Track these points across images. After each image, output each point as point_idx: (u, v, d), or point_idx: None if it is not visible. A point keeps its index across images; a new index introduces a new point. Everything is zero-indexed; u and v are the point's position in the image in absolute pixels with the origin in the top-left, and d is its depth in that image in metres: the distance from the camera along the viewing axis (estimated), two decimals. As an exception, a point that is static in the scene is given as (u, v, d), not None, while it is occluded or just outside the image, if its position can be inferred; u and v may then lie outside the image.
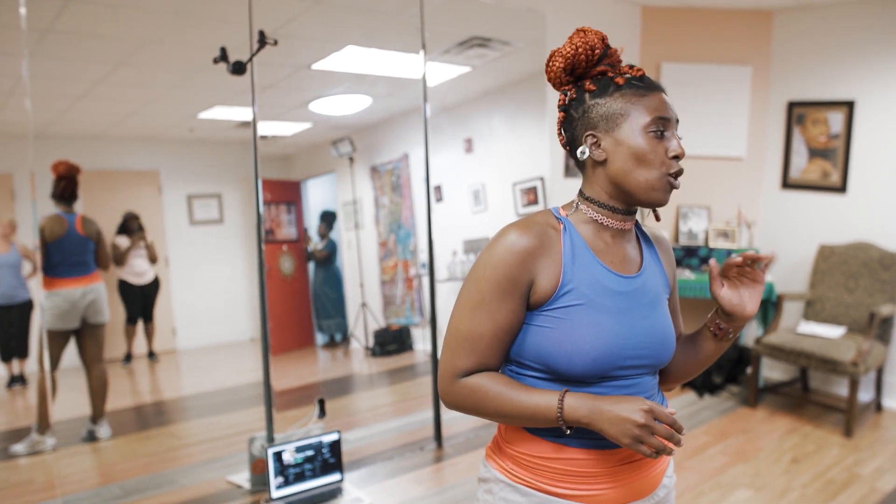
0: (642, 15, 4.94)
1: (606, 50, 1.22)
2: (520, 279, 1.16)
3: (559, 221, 1.22)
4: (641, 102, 1.17)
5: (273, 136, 7.39)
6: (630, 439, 1.07)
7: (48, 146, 6.13)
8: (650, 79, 1.21)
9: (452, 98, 6.10)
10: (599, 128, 1.19)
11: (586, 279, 1.18)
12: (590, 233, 1.23)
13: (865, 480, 3.40)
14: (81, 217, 4.22)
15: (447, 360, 1.21)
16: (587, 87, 1.21)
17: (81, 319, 4.15)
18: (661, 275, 1.32)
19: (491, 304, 1.16)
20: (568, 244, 1.19)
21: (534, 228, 1.18)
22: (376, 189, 7.44)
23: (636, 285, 1.23)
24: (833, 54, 4.65)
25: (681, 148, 1.17)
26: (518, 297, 1.17)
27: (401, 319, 7.24)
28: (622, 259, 1.24)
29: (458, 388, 1.20)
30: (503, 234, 1.18)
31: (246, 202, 8.23)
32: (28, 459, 3.92)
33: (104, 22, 3.77)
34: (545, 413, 1.13)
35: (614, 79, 1.20)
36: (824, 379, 4.83)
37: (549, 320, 1.17)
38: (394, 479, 3.45)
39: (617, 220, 1.23)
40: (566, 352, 1.15)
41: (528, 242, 1.16)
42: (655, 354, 1.23)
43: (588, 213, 1.23)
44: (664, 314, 1.28)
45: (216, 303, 7.79)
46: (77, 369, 4.34)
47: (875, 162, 4.52)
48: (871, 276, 4.37)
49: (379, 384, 5.99)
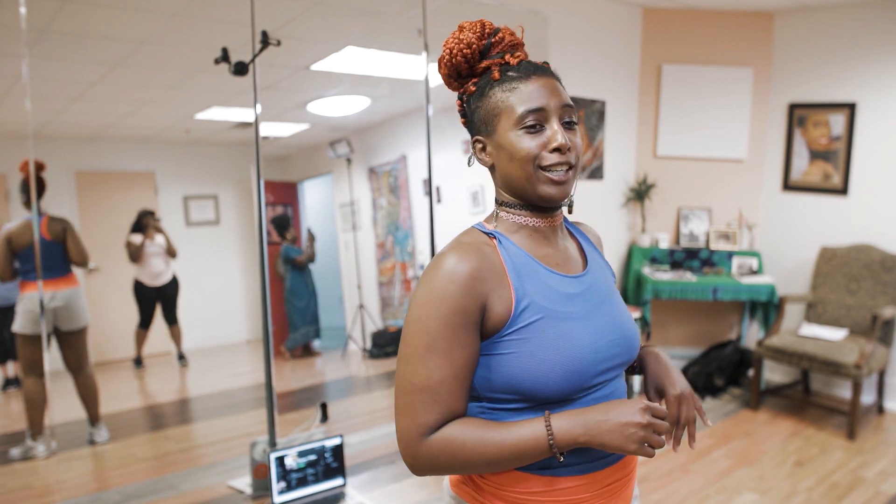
0: (643, 16, 4.93)
1: (490, 41, 1.15)
2: (469, 308, 1.03)
3: (490, 236, 1.13)
4: (513, 96, 1.09)
5: (270, 137, 7.36)
6: (636, 444, 1.00)
7: (43, 147, 6.08)
8: (530, 64, 1.13)
9: (451, 99, 6.07)
10: (482, 132, 1.14)
11: (539, 290, 1.08)
12: (523, 239, 1.14)
13: (870, 483, 3.39)
14: (47, 219, 4.07)
15: (407, 421, 1.06)
16: (468, 90, 1.16)
17: (52, 325, 4.02)
18: (606, 268, 1.25)
19: (442, 344, 1.03)
20: (508, 258, 1.09)
21: (469, 250, 1.06)
22: (374, 190, 7.42)
23: (588, 283, 1.15)
24: (834, 56, 4.64)
25: (562, 139, 1.07)
26: (471, 327, 1.04)
27: (399, 321, 7.21)
28: (565, 259, 1.16)
29: (427, 449, 1.05)
30: (437, 265, 1.06)
31: (242, 203, 8.19)
32: (26, 464, 3.88)
33: (101, 22, 3.74)
34: (535, 445, 1.02)
35: (491, 73, 1.13)
36: (826, 381, 4.82)
37: (511, 345, 1.05)
38: (397, 484, 3.41)
39: (542, 218, 1.15)
40: (539, 373, 1.04)
41: (469, 266, 1.04)
42: (627, 350, 1.15)
43: (511, 218, 1.15)
44: (622, 306, 1.20)
45: (213, 305, 7.75)
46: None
47: (876, 164, 4.51)
48: (873, 279, 4.37)
49: (378, 386, 5.95)
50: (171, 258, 6.72)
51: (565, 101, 1.10)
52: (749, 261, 4.83)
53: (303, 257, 7.17)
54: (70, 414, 4.57)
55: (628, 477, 1.18)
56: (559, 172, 1.09)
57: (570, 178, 1.10)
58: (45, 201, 4.17)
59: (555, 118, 1.09)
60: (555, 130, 1.08)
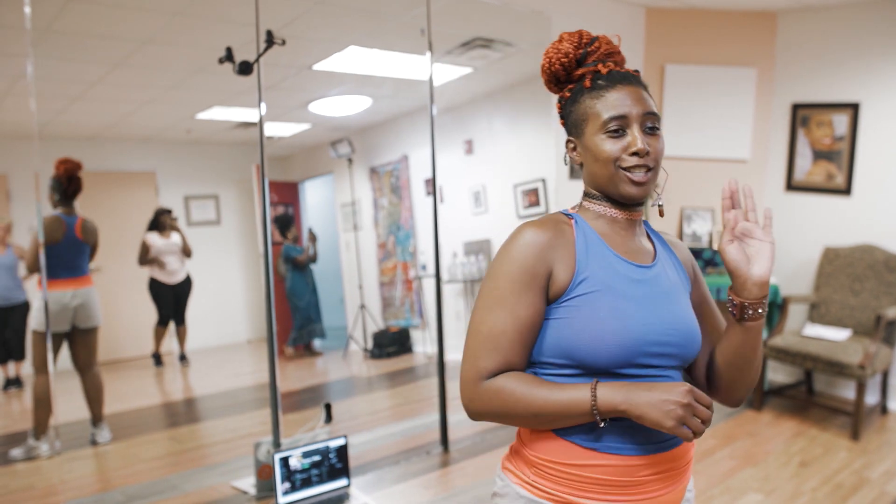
0: (646, 16, 4.93)
1: (586, 50, 1.24)
2: (537, 271, 1.15)
3: (570, 218, 1.24)
4: (600, 103, 1.19)
5: (272, 137, 7.35)
6: (674, 421, 1.03)
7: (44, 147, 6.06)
8: (618, 73, 1.21)
9: (453, 99, 6.07)
10: (573, 133, 1.25)
11: (602, 267, 1.17)
12: (601, 226, 1.24)
13: (875, 484, 3.39)
14: (82, 221, 4.12)
15: (469, 364, 1.17)
16: (564, 95, 1.27)
17: (71, 323, 4.07)
18: (678, 269, 1.30)
19: (510, 299, 1.14)
20: (581, 236, 1.20)
21: (547, 224, 1.19)
22: (375, 190, 7.41)
23: (652, 274, 1.22)
24: (838, 56, 4.64)
25: (640, 144, 1.16)
26: (537, 289, 1.15)
27: (400, 321, 7.20)
28: (636, 250, 1.24)
29: (483, 392, 1.15)
30: (518, 231, 1.18)
31: (243, 203, 8.17)
32: (29, 464, 3.87)
33: (104, 22, 3.73)
34: (578, 406, 1.09)
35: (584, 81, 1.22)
36: (829, 382, 4.82)
37: (567, 311, 1.15)
38: (401, 485, 3.41)
39: (623, 211, 1.24)
40: (588, 339, 1.12)
41: (544, 235, 1.17)
42: (681, 344, 1.19)
43: (593, 208, 1.25)
44: (686, 306, 1.25)
45: (213, 305, 7.74)
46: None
47: (880, 164, 4.51)
48: (877, 279, 4.37)
49: (380, 387, 5.94)
50: (186, 257, 6.73)
51: (647, 109, 1.18)
52: (752, 261, 4.82)
53: (303, 257, 7.15)
54: (72, 414, 4.56)
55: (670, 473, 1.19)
56: (639, 174, 1.18)
57: (649, 179, 1.19)
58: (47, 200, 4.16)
59: (636, 124, 1.17)
60: (635, 136, 1.17)
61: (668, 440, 1.17)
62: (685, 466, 1.22)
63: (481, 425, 4.20)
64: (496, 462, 3.62)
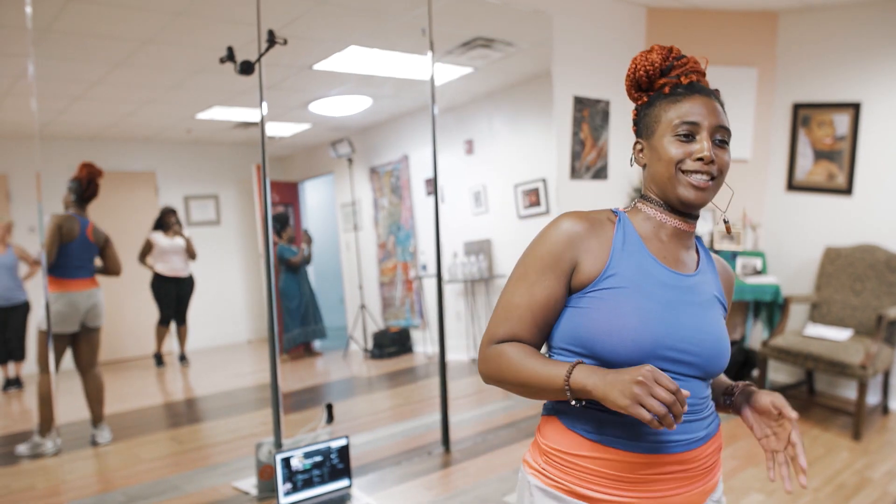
0: (647, 16, 4.92)
1: (672, 63, 1.27)
2: (563, 257, 1.19)
3: (615, 214, 1.27)
4: (674, 108, 1.21)
5: (272, 137, 7.34)
6: (629, 399, 1.01)
7: (45, 147, 6.05)
8: (697, 84, 1.25)
9: (454, 99, 6.06)
10: (643, 135, 1.28)
11: (633, 266, 1.19)
12: (647, 229, 1.26)
13: (877, 484, 3.39)
14: (93, 224, 4.24)
15: (488, 328, 1.25)
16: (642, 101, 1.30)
17: (81, 323, 4.09)
18: (716, 287, 1.31)
19: (531, 277, 1.20)
20: (620, 233, 1.23)
21: (588, 216, 1.23)
22: (375, 190, 7.40)
23: (688, 284, 1.23)
24: (839, 56, 4.64)
25: (707, 151, 1.18)
26: (559, 274, 1.19)
27: (400, 321, 7.19)
28: (676, 259, 1.26)
29: (488, 354, 1.23)
30: (558, 218, 1.23)
31: (243, 203, 8.16)
32: (29, 465, 3.86)
33: (104, 22, 3.72)
34: (555, 381, 1.12)
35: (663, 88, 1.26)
36: (830, 382, 4.82)
37: (591, 301, 1.18)
38: (403, 485, 3.40)
39: (676, 219, 1.25)
40: (605, 331, 1.14)
41: (579, 226, 1.20)
42: (704, 355, 1.19)
43: (645, 210, 1.27)
44: (717, 319, 1.26)
45: (214, 305, 7.72)
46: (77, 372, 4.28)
47: (881, 164, 4.51)
48: (878, 279, 4.36)
49: (380, 387, 5.94)
50: (190, 259, 6.75)
51: (721, 123, 1.21)
52: (753, 261, 4.83)
53: (297, 258, 7.12)
54: (73, 415, 4.55)
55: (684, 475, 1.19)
56: (700, 178, 1.20)
57: (709, 186, 1.20)
58: (48, 202, 4.17)
59: (706, 133, 1.20)
60: (703, 144, 1.19)
61: (677, 442, 1.17)
62: (702, 471, 1.22)
63: (483, 426, 4.20)
64: (498, 462, 3.63)
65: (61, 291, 4.01)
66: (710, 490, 1.25)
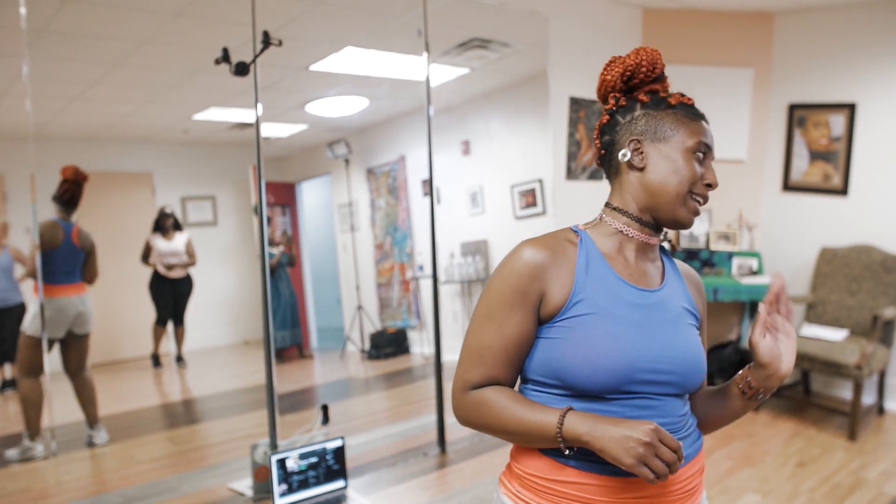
0: (643, 17, 4.93)
1: (663, 73, 1.26)
2: (528, 290, 1.14)
3: (576, 234, 1.22)
4: (689, 126, 1.19)
5: (269, 138, 7.34)
6: (633, 459, 1.00)
7: (42, 148, 6.05)
8: (698, 109, 1.25)
9: (450, 100, 6.07)
10: (646, 135, 1.20)
11: (600, 289, 1.16)
12: (611, 245, 1.22)
13: (872, 484, 3.39)
14: (78, 228, 4.15)
15: (459, 373, 1.20)
16: (640, 98, 1.24)
17: (68, 330, 4.06)
18: (686, 301, 1.26)
19: (498, 316, 1.15)
20: (583, 255, 1.18)
21: (548, 242, 1.18)
22: (372, 191, 7.40)
23: (656, 299, 1.20)
24: (834, 57, 4.65)
25: (715, 179, 1.19)
26: (527, 308, 1.15)
27: (397, 322, 7.19)
28: (642, 274, 1.22)
29: (466, 402, 1.19)
30: (517, 248, 1.18)
31: (240, 204, 8.16)
32: (25, 466, 3.85)
33: (101, 22, 3.72)
34: (546, 430, 1.09)
35: (667, 98, 1.23)
36: (826, 382, 4.83)
37: (560, 331, 1.14)
38: (398, 486, 3.40)
39: (644, 233, 1.22)
40: (578, 362, 1.11)
41: (541, 255, 1.15)
42: (679, 372, 1.16)
43: (613, 223, 1.23)
44: (689, 332, 1.22)
45: (210, 306, 7.72)
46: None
47: (876, 164, 4.52)
48: (874, 279, 4.37)
49: (377, 388, 5.94)
50: (190, 265, 6.76)
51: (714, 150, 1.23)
52: (749, 261, 4.83)
53: (273, 261, 7.08)
54: (70, 416, 4.54)
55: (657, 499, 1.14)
56: (700, 205, 1.21)
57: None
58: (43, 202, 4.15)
59: (710, 161, 1.21)
60: (712, 170, 1.20)
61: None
62: (685, 494, 1.17)
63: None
64: (493, 463, 3.63)
65: (50, 297, 3.99)
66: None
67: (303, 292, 8.16)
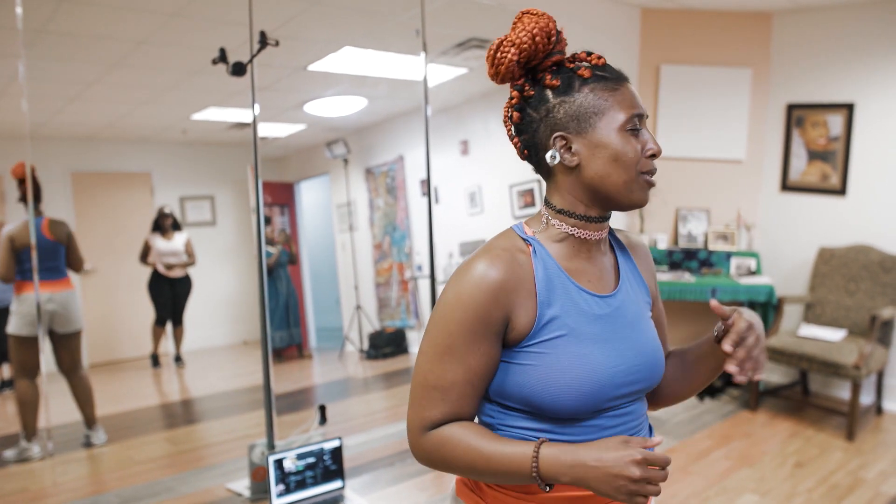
0: (642, 17, 4.93)
1: (559, 36, 1.08)
2: (492, 318, 1.03)
3: (527, 243, 1.09)
4: (614, 97, 1.05)
5: (268, 138, 7.34)
6: (626, 496, 0.95)
7: (40, 148, 6.05)
8: (613, 67, 1.09)
9: (449, 100, 6.07)
10: (570, 129, 1.06)
11: (565, 307, 1.07)
12: (562, 251, 1.11)
13: (870, 484, 3.39)
14: (48, 221, 4.05)
15: (415, 411, 1.08)
16: (549, 83, 1.07)
17: (47, 327, 4.00)
18: (640, 287, 1.21)
19: (461, 349, 1.03)
20: (541, 269, 1.07)
21: (502, 257, 1.05)
22: (371, 191, 7.40)
23: (616, 304, 1.12)
24: (833, 57, 4.64)
25: (657, 145, 1.06)
26: (492, 337, 1.04)
27: (396, 322, 7.20)
28: (599, 276, 1.13)
29: (426, 442, 1.07)
30: (468, 268, 1.05)
31: (239, 204, 8.17)
32: (22, 467, 3.85)
33: (99, 23, 3.72)
34: (518, 469, 1.00)
35: (577, 70, 1.07)
36: (824, 382, 4.83)
37: (530, 357, 1.05)
38: (396, 486, 3.40)
39: (593, 229, 1.11)
40: (552, 389, 1.03)
41: (499, 275, 1.03)
42: (648, 377, 1.13)
43: (562, 227, 1.11)
44: (649, 330, 1.16)
45: (209, 306, 7.73)
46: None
47: (875, 164, 4.52)
48: (872, 279, 4.37)
49: (375, 388, 5.94)
50: (189, 265, 6.78)
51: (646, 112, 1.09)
52: (747, 261, 4.83)
53: (270, 261, 7.09)
54: (67, 416, 4.55)
55: None
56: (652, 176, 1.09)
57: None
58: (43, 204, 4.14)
59: (645, 126, 1.08)
60: (649, 137, 1.08)
61: None
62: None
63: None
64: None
65: (23, 294, 3.95)
66: None
67: (302, 292, 8.17)
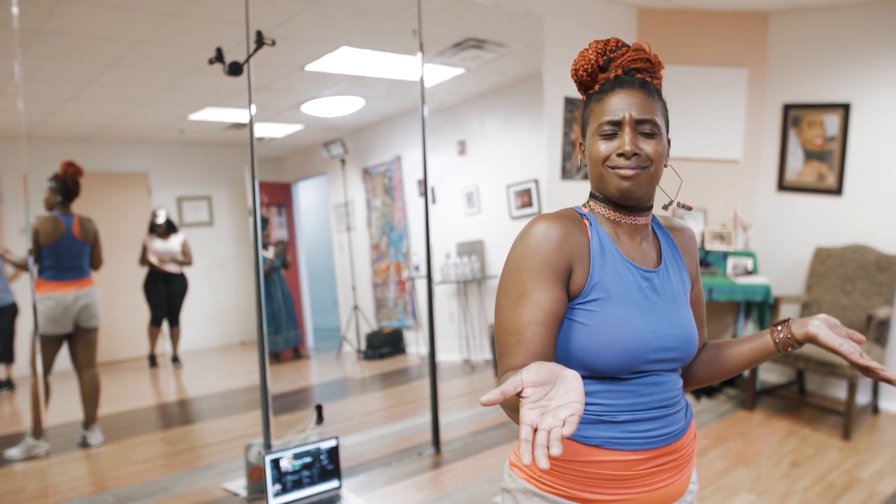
0: (638, 17, 4.93)
1: (609, 57, 1.25)
2: (559, 265, 1.15)
3: (583, 217, 1.25)
4: (598, 108, 1.22)
5: (264, 138, 7.33)
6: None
7: (37, 148, 6.03)
8: (623, 77, 1.23)
9: (446, 100, 6.07)
10: (582, 135, 1.28)
11: (613, 272, 1.20)
12: (610, 230, 1.25)
13: (866, 484, 3.40)
14: (79, 219, 4.13)
15: (500, 364, 1.19)
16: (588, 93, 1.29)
17: (74, 324, 4.07)
18: (681, 269, 1.33)
19: (535, 294, 1.14)
20: (595, 238, 1.22)
21: (562, 219, 1.19)
22: (368, 191, 7.40)
23: (658, 280, 1.25)
24: (829, 56, 4.65)
25: (628, 147, 1.17)
26: (559, 282, 1.16)
27: (393, 322, 7.19)
28: (641, 255, 1.26)
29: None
30: (532, 225, 1.18)
31: (236, 204, 8.15)
32: (19, 466, 3.85)
33: (96, 22, 3.71)
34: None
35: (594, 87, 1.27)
36: (821, 381, 4.83)
37: (580, 314, 1.17)
38: (393, 486, 3.40)
39: (626, 215, 1.24)
40: (598, 346, 1.15)
41: (560, 230, 1.17)
42: (683, 348, 1.23)
43: (598, 210, 1.26)
44: (687, 311, 1.29)
45: (207, 306, 7.71)
46: (68, 373, 4.27)
47: (871, 164, 4.53)
48: (868, 279, 4.38)
49: (373, 388, 5.94)
50: (186, 263, 6.76)
51: (641, 115, 1.18)
52: (744, 261, 4.84)
53: (266, 266, 7.07)
54: (64, 416, 4.54)
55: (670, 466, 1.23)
56: (625, 169, 1.18)
57: (639, 174, 1.18)
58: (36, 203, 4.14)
59: (628, 128, 1.18)
60: (623, 139, 1.18)
61: (666, 435, 1.22)
62: (686, 459, 1.27)
63: (474, 426, 4.20)
64: (488, 463, 3.63)
65: (49, 293, 3.99)
66: (690, 476, 1.31)
67: (299, 292, 8.16)
